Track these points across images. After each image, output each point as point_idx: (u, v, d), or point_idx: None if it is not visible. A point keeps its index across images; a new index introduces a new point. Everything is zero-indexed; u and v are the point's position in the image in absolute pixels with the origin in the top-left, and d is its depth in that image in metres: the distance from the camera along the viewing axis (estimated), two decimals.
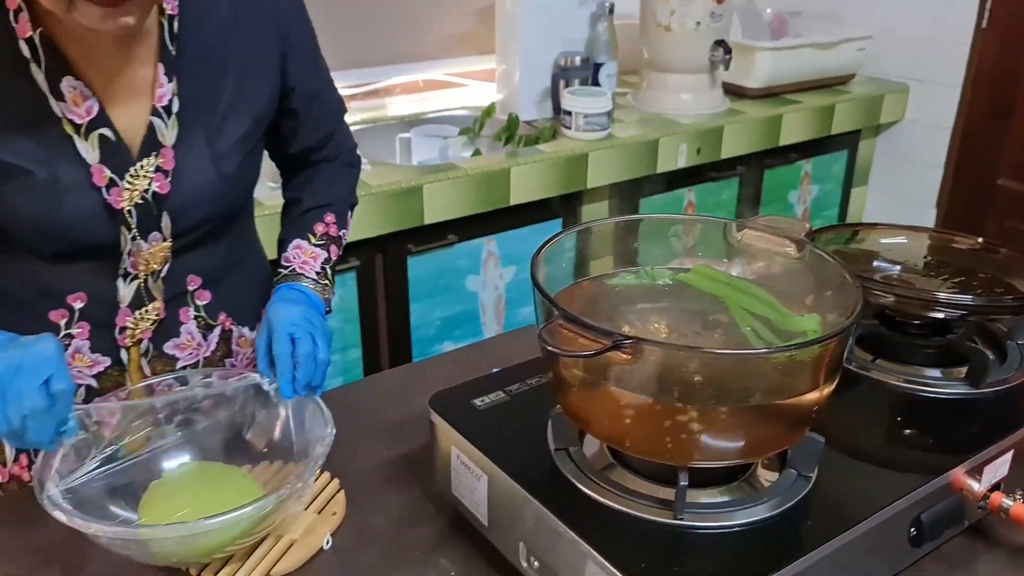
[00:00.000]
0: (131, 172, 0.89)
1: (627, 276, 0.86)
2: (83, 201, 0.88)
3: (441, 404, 0.87)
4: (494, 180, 1.92)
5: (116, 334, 0.96)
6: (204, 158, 0.93)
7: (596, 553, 0.68)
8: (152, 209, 0.91)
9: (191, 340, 1.02)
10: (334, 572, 0.84)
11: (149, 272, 0.95)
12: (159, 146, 0.90)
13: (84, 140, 0.87)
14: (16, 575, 0.83)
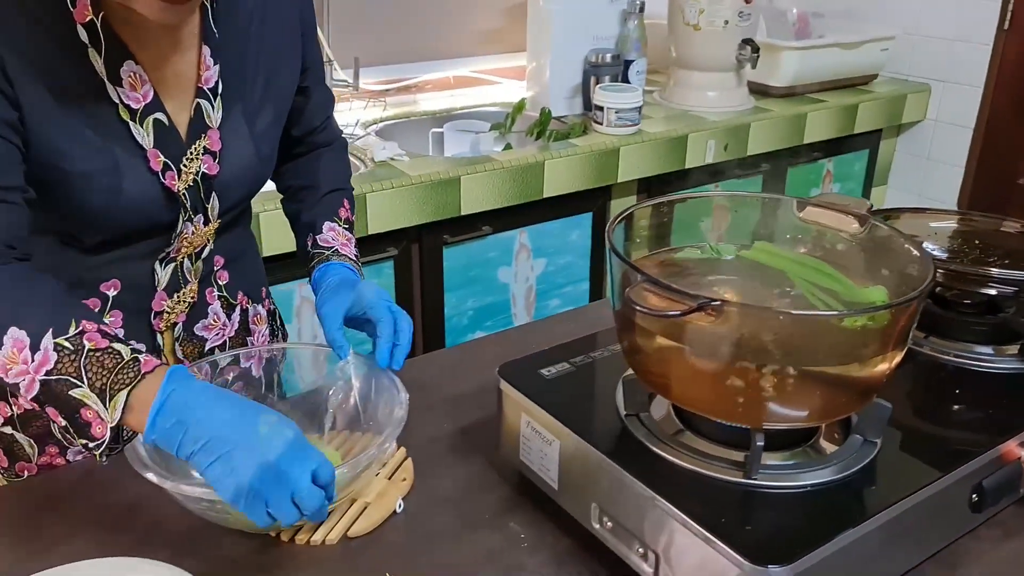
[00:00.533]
0: (187, 155, 0.91)
1: (693, 251, 0.89)
2: (142, 187, 0.88)
3: (510, 374, 0.90)
4: (528, 173, 1.95)
5: (151, 319, 0.97)
6: (246, 138, 0.95)
7: (676, 509, 0.71)
8: (200, 191, 0.93)
9: (217, 320, 1.05)
10: (408, 534, 0.87)
11: (187, 255, 0.97)
12: (206, 128, 0.92)
13: (139, 126, 0.87)
14: (94, 535, 0.86)
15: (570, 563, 0.83)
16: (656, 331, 0.74)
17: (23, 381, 0.74)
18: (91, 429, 0.74)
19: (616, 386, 0.87)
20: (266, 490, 0.71)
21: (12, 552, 0.83)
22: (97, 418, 0.73)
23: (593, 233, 2.20)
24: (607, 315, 1.25)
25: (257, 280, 1.12)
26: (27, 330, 0.74)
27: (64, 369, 0.73)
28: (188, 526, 0.86)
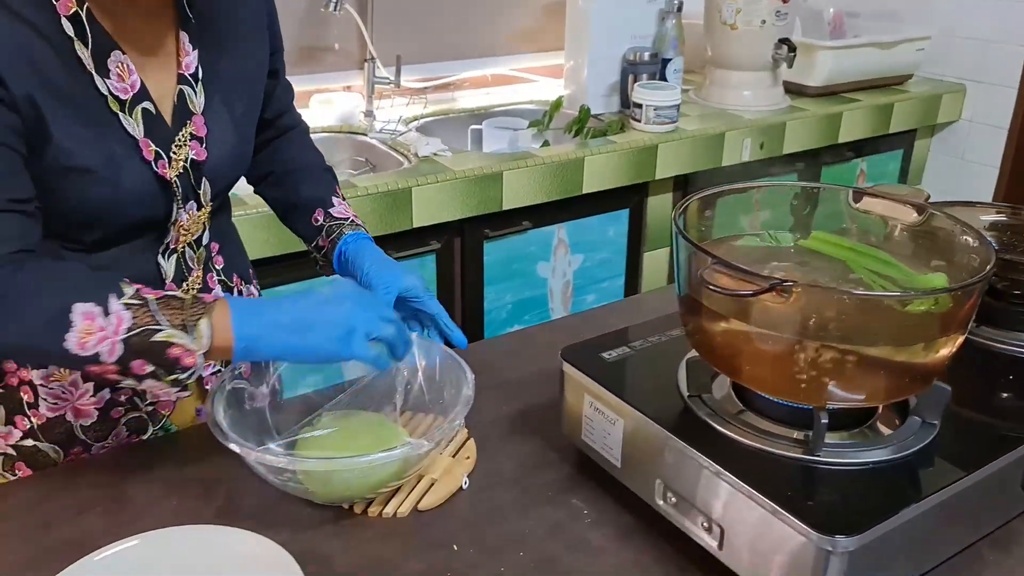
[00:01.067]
0: (175, 142, 0.91)
1: (751, 239, 0.92)
2: (138, 177, 0.88)
3: (573, 357, 0.93)
4: (568, 169, 1.98)
5: None
6: (227, 122, 0.97)
7: (743, 483, 0.74)
8: (190, 177, 0.94)
9: None
10: (474, 508, 0.91)
11: (187, 243, 0.98)
12: (191, 114, 0.93)
13: (129, 116, 0.87)
14: (179, 507, 0.90)
15: (634, 537, 0.86)
16: (725, 312, 0.77)
17: (105, 347, 0.78)
18: (180, 362, 0.79)
19: (676, 368, 0.90)
20: (357, 321, 0.83)
21: (103, 520, 0.87)
22: (184, 351, 0.79)
23: (630, 229, 2.23)
24: (646, 308, 1.28)
25: (244, 262, 1.15)
26: (92, 301, 0.78)
27: (141, 321, 0.78)
28: (266, 498, 0.90)
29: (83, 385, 0.97)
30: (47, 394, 0.97)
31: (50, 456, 1.00)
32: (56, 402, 0.97)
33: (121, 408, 1.01)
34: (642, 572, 0.82)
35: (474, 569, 0.82)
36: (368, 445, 0.88)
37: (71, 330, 0.77)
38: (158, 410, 1.04)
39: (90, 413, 0.99)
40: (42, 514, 0.89)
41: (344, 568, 0.82)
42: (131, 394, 1.01)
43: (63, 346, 0.77)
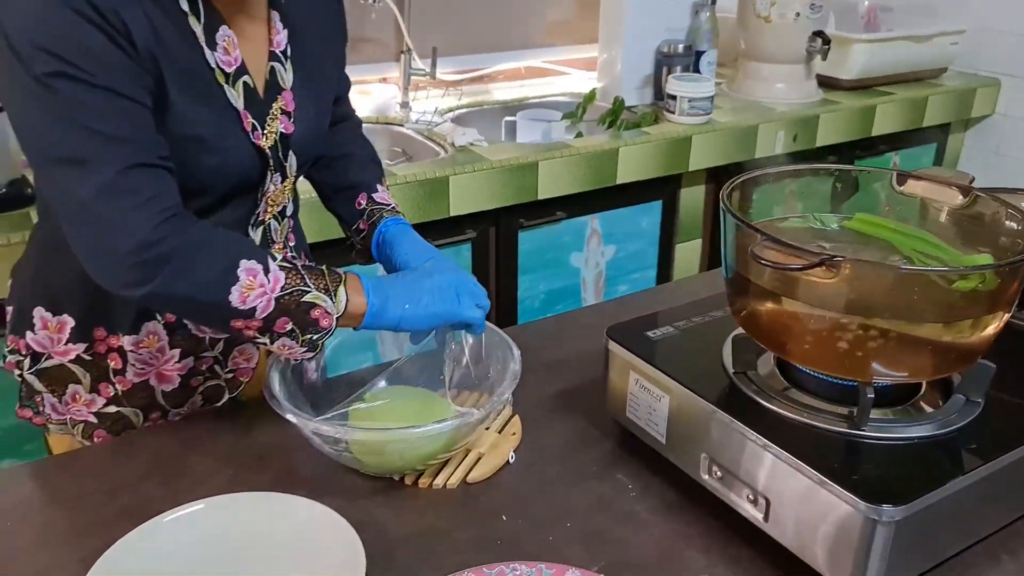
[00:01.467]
0: (270, 114, 0.95)
1: (796, 221, 0.93)
2: (240, 146, 0.92)
3: (618, 335, 0.95)
4: (603, 159, 2.00)
5: None
6: (310, 99, 1.00)
7: (790, 455, 0.75)
8: (279, 150, 0.97)
9: None
10: (521, 481, 0.93)
11: (272, 215, 1.02)
12: (280, 89, 0.96)
13: (232, 88, 0.91)
14: (236, 477, 0.93)
15: (679, 511, 0.88)
16: (774, 289, 0.79)
17: (261, 302, 0.84)
18: (319, 324, 0.87)
19: (721, 347, 0.92)
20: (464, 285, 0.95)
21: (164, 487, 0.91)
22: (324, 313, 0.87)
23: (662, 221, 2.24)
24: (679, 294, 1.30)
25: (304, 243, 1.19)
26: (255, 259, 0.85)
27: (293, 283, 0.86)
28: (318, 469, 0.93)
29: (169, 351, 1.02)
30: (135, 359, 1.01)
31: (131, 420, 1.05)
32: (143, 367, 1.02)
33: (201, 376, 1.06)
34: (688, 544, 0.84)
35: (523, 539, 0.85)
36: (418, 418, 0.90)
37: (236, 284, 0.83)
38: (237, 377, 1.08)
39: (172, 379, 1.03)
40: (105, 482, 0.92)
41: (397, 536, 0.84)
42: (211, 363, 1.05)
43: (227, 299, 0.83)
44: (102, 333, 1.00)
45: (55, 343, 1.00)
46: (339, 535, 0.79)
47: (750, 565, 0.81)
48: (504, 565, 0.77)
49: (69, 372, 1.01)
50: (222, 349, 1.05)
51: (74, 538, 0.84)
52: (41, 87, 0.76)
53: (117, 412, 1.04)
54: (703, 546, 0.84)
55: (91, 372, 1.01)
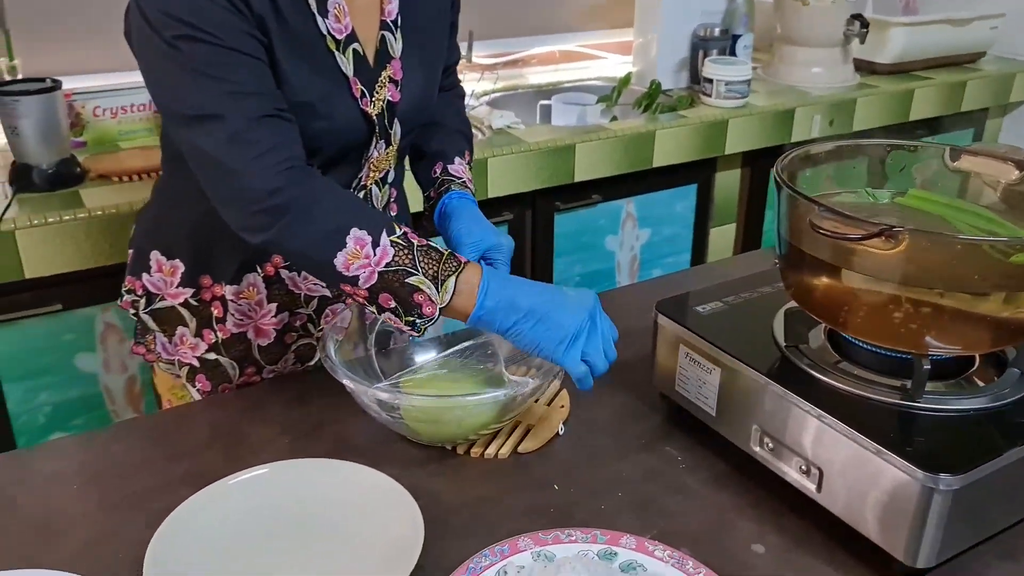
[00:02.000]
0: (379, 82, 0.97)
1: (848, 196, 0.93)
2: (348, 112, 0.95)
3: (668, 309, 0.96)
4: (639, 142, 2.00)
5: None
6: (419, 68, 1.02)
7: (845, 426, 0.76)
8: (385, 117, 0.99)
9: None
10: (572, 453, 0.94)
11: (374, 181, 1.05)
12: (390, 58, 0.98)
13: (342, 55, 0.94)
14: (293, 445, 0.95)
15: (729, 482, 0.89)
16: (831, 260, 0.79)
17: (364, 273, 0.85)
18: (422, 309, 0.86)
19: (771, 321, 0.93)
20: (584, 335, 0.87)
21: (224, 454, 0.93)
22: (428, 300, 0.86)
23: (697, 205, 2.24)
24: (715, 275, 1.30)
25: (407, 211, 1.21)
26: (367, 230, 0.85)
27: (401, 261, 0.86)
28: (372, 438, 0.95)
29: (267, 306, 1.06)
30: (235, 310, 1.06)
31: (227, 372, 1.10)
32: (242, 319, 1.07)
33: (295, 333, 1.09)
34: (739, 515, 0.85)
35: (575, 507, 0.86)
36: (473, 387, 0.92)
37: (343, 250, 0.85)
38: None
39: (268, 334, 1.08)
40: (166, 449, 0.94)
41: (450, 503, 0.86)
42: (305, 320, 1.08)
43: (332, 261, 0.85)
44: (208, 281, 1.05)
45: (168, 285, 1.07)
46: (398, 501, 0.81)
47: (802, 535, 0.82)
48: (559, 531, 0.79)
49: (178, 315, 1.08)
50: (316, 307, 1.08)
51: (138, 501, 0.86)
52: (172, 49, 0.83)
53: (216, 360, 1.09)
54: (754, 516, 0.85)
55: (197, 317, 1.07)
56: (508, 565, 0.75)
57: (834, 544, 0.81)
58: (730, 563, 0.78)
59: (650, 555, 0.77)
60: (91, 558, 0.78)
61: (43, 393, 1.58)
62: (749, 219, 2.35)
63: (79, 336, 1.58)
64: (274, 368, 1.10)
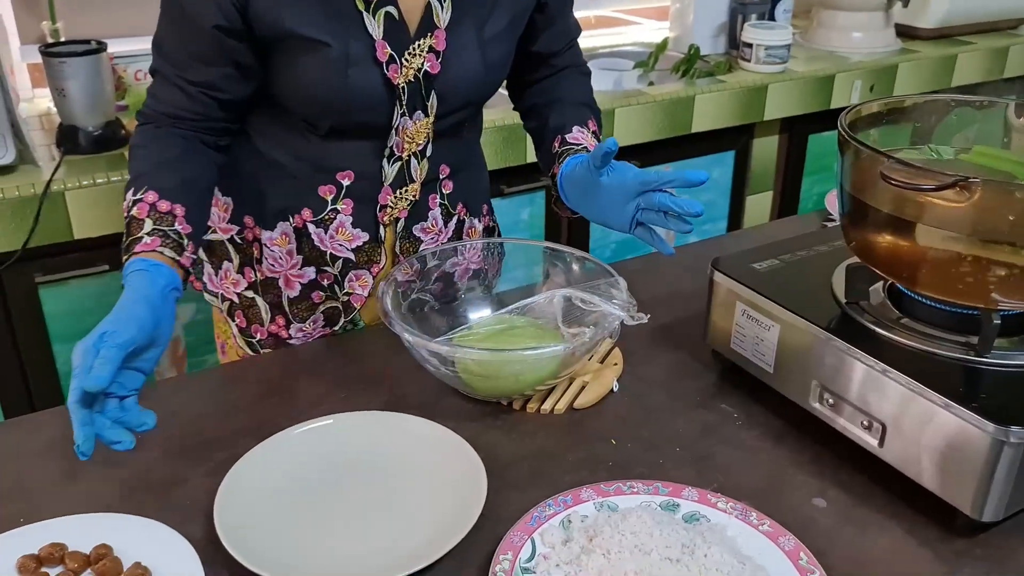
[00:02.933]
0: (409, 50, 0.95)
1: (911, 152, 0.92)
2: (367, 75, 0.93)
3: (724, 266, 0.96)
4: (678, 107, 1.98)
5: (376, 211, 1.04)
6: (472, 42, 0.98)
7: (912, 380, 0.76)
8: (421, 88, 0.97)
9: (435, 225, 1.10)
10: (627, 409, 0.94)
11: (411, 153, 1.02)
12: (433, 27, 0.95)
13: (372, 16, 0.92)
14: (348, 399, 0.96)
15: (786, 439, 0.89)
16: (898, 213, 0.78)
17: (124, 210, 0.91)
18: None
19: (830, 278, 0.92)
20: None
21: (281, 408, 0.94)
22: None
23: (735, 172, 2.22)
24: (753, 239, 1.29)
25: (479, 195, 1.17)
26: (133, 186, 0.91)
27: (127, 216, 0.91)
28: (427, 393, 0.96)
29: (296, 257, 1.07)
30: (269, 255, 1.07)
31: (261, 315, 1.11)
32: (274, 264, 1.08)
33: (322, 292, 1.09)
34: (798, 469, 0.85)
35: (634, 461, 0.86)
36: (531, 341, 0.92)
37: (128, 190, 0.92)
38: (351, 303, 1.09)
39: (295, 285, 1.08)
40: (224, 403, 0.96)
41: (509, 455, 0.87)
42: (332, 280, 1.08)
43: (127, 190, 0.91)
44: (250, 221, 1.07)
45: (219, 220, 1.09)
46: (460, 452, 0.82)
47: (863, 490, 0.82)
48: (621, 483, 0.79)
49: (225, 249, 1.10)
50: (341, 268, 1.07)
51: (200, 451, 0.87)
52: None
53: (252, 299, 1.11)
54: (814, 471, 0.85)
55: (240, 255, 1.10)
56: (572, 514, 0.75)
57: (895, 499, 0.81)
58: (791, 517, 0.78)
59: (713, 507, 0.77)
60: (161, 505, 0.79)
61: None
62: (787, 186, 2.33)
63: None
64: (302, 327, 1.10)
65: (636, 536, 0.70)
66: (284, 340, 1.11)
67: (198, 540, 0.74)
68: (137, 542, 0.72)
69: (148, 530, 0.74)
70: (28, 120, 1.73)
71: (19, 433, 0.92)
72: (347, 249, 1.06)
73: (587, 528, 0.73)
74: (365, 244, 1.06)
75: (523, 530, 0.73)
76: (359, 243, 1.06)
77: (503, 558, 0.70)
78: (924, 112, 0.95)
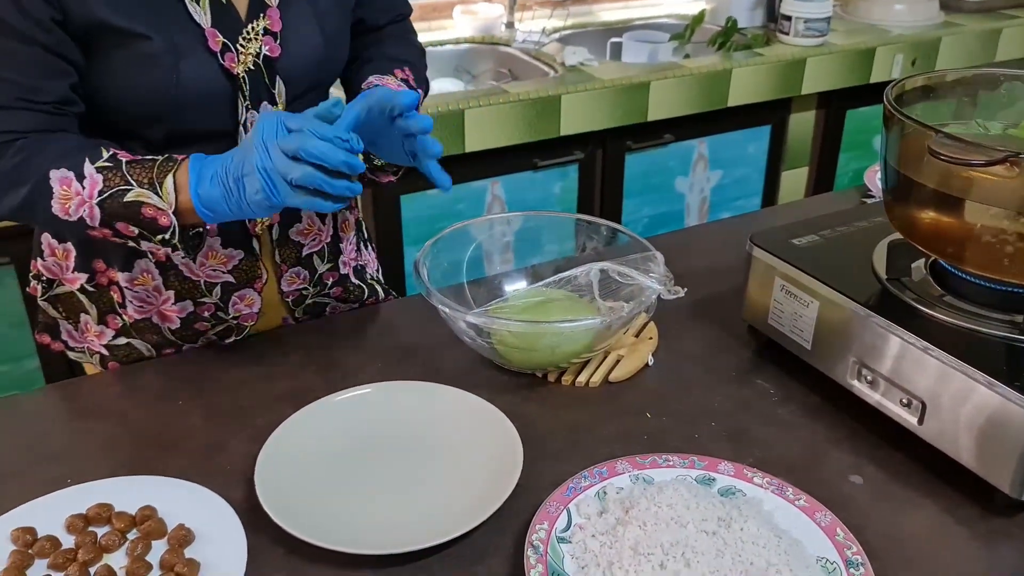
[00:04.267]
0: (243, 35, 0.87)
1: (957, 127, 0.90)
2: (200, 68, 0.85)
3: (763, 241, 0.95)
4: (715, 81, 1.96)
5: (245, 222, 0.95)
6: (309, 18, 0.91)
7: (956, 359, 0.75)
8: (263, 75, 0.89)
9: (312, 225, 1.01)
10: (663, 383, 0.94)
11: None
12: (265, 7, 0.88)
13: (196, 4, 0.84)
14: (384, 369, 0.96)
15: (823, 415, 0.89)
16: (946, 189, 0.77)
17: (84, 211, 0.80)
18: (158, 222, 0.80)
19: (870, 255, 0.91)
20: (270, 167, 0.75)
21: (319, 376, 0.95)
22: (157, 210, 0.79)
23: (771, 146, 2.19)
24: (787, 215, 1.27)
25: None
26: (66, 166, 0.80)
27: (112, 183, 0.79)
28: (461, 364, 0.96)
29: (166, 292, 0.97)
30: (133, 297, 0.97)
31: (143, 354, 1.02)
32: (142, 305, 0.98)
33: (205, 323, 1.00)
34: (835, 446, 0.85)
35: (669, 434, 0.86)
36: (567, 314, 0.92)
37: (53, 197, 0.80)
38: (241, 323, 1.01)
39: (173, 319, 0.99)
40: (263, 369, 0.97)
41: (545, 427, 0.87)
42: (213, 309, 0.99)
43: (52, 213, 0.80)
44: (101, 265, 0.97)
45: (64, 270, 0.98)
46: (496, 424, 0.82)
47: (901, 467, 0.82)
48: (656, 456, 0.79)
49: (79, 301, 1.00)
50: (220, 295, 0.98)
51: (241, 417, 0.89)
52: None
53: (127, 344, 1.01)
54: (850, 448, 0.84)
55: (97, 304, 0.99)
56: (608, 486, 0.76)
57: (933, 477, 0.80)
58: (828, 493, 0.78)
59: (748, 481, 0.77)
60: (203, 470, 0.81)
61: None
62: (822, 162, 2.30)
63: None
64: (194, 346, 1.02)
65: (672, 508, 0.70)
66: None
67: (239, 504, 0.76)
68: (180, 504, 0.74)
69: (191, 493, 0.75)
70: None
71: (63, 399, 0.94)
72: (224, 272, 0.97)
73: (623, 500, 0.73)
74: (241, 262, 0.97)
75: (559, 500, 0.74)
76: (235, 262, 0.97)
77: (539, 527, 0.71)
78: (972, 86, 0.93)
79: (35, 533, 0.71)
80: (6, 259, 1.47)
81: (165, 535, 0.71)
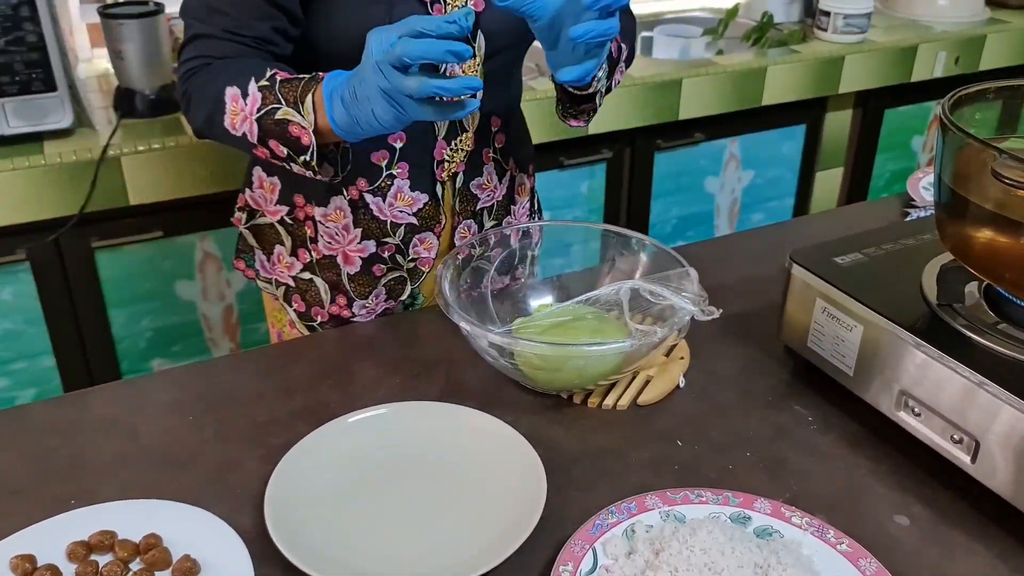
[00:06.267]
0: None
1: (1017, 140, 0.85)
2: (410, 14, 0.86)
3: (803, 259, 0.90)
4: (749, 79, 1.90)
5: (434, 168, 1.02)
6: None
7: (1011, 394, 0.70)
8: None
9: (490, 181, 1.08)
10: (694, 407, 0.90)
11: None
12: None
13: None
14: (403, 385, 0.93)
15: (865, 446, 0.84)
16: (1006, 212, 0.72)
17: (246, 127, 0.85)
18: (301, 141, 0.82)
19: (919, 277, 0.86)
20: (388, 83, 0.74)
21: (336, 390, 0.91)
22: (300, 129, 0.82)
23: (805, 146, 2.13)
24: (814, 230, 1.22)
25: (526, 151, 1.16)
26: (237, 84, 0.85)
27: (268, 100, 0.83)
28: (484, 382, 0.92)
29: (353, 231, 1.03)
30: (324, 232, 1.04)
31: (320, 295, 1.08)
32: (330, 241, 1.05)
33: (383, 265, 1.06)
34: (878, 480, 0.80)
35: (701, 464, 0.82)
36: (594, 335, 0.88)
37: (226, 112, 0.86)
38: (418, 267, 1.07)
39: (355, 261, 1.05)
40: (280, 382, 0.93)
41: (570, 453, 0.83)
42: (393, 251, 1.05)
43: (224, 127, 0.86)
44: (300, 200, 1.04)
45: (267, 202, 1.07)
46: (519, 451, 0.78)
47: (950, 507, 0.77)
48: (689, 491, 0.75)
49: (276, 232, 1.08)
50: (403, 236, 1.05)
51: (255, 435, 0.85)
52: None
53: (310, 280, 1.08)
54: (895, 483, 0.79)
55: (292, 236, 1.07)
56: (636, 523, 0.72)
57: (986, 520, 0.75)
58: (870, 534, 0.73)
59: (787, 521, 0.72)
60: (212, 492, 0.78)
61: (145, 319, 1.61)
62: (858, 163, 2.23)
63: (179, 264, 1.59)
64: (365, 304, 1.08)
65: (706, 553, 0.66)
66: (346, 320, 1.09)
67: (248, 531, 0.72)
68: (187, 532, 0.71)
69: (199, 520, 0.72)
70: (86, 81, 1.72)
71: (75, 410, 0.91)
72: (408, 214, 1.04)
73: (652, 540, 0.69)
74: (426, 205, 1.04)
75: (584, 539, 0.70)
76: (419, 206, 1.04)
77: (563, 569, 0.67)
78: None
79: (35, 561, 0.68)
80: (22, 256, 1.45)
81: (169, 566, 0.68)
